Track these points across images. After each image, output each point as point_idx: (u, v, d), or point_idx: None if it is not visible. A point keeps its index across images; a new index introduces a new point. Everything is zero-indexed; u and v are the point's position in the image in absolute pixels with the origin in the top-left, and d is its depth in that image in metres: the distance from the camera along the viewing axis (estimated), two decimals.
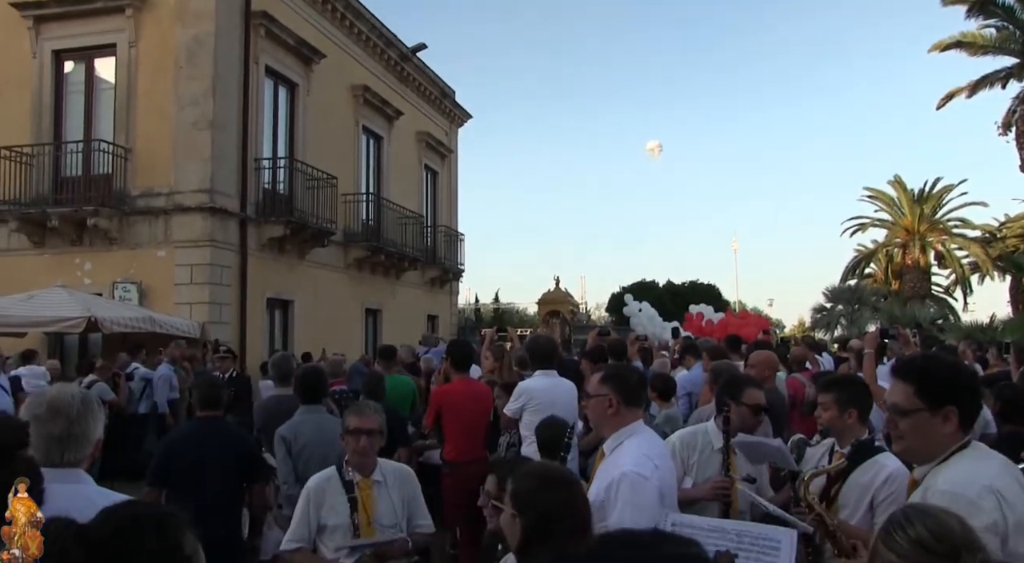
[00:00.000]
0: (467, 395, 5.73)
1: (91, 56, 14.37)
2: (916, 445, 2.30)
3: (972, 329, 22.64)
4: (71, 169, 13.83)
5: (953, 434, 2.22)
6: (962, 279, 32.82)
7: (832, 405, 3.48)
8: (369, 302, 18.92)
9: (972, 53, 25.49)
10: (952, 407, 2.21)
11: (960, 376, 2.32)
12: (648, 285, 32.75)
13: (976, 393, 2.33)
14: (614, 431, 3.05)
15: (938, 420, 2.22)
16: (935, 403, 2.23)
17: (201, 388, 4.76)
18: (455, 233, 24.56)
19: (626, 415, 3.05)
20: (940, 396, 2.23)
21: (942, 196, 32.90)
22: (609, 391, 3.05)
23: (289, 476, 4.69)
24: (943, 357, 2.78)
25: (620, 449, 2.99)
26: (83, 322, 10.86)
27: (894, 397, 2.33)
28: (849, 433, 3.40)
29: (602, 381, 3.10)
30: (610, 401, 3.03)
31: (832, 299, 28.79)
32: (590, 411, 3.15)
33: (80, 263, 13.75)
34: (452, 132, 25.68)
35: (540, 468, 2.45)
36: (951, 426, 2.21)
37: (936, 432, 2.23)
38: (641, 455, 2.91)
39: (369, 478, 3.58)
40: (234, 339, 13.65)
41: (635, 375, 3.28)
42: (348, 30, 18.29)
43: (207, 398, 4.59)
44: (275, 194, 14.99)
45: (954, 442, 2.23)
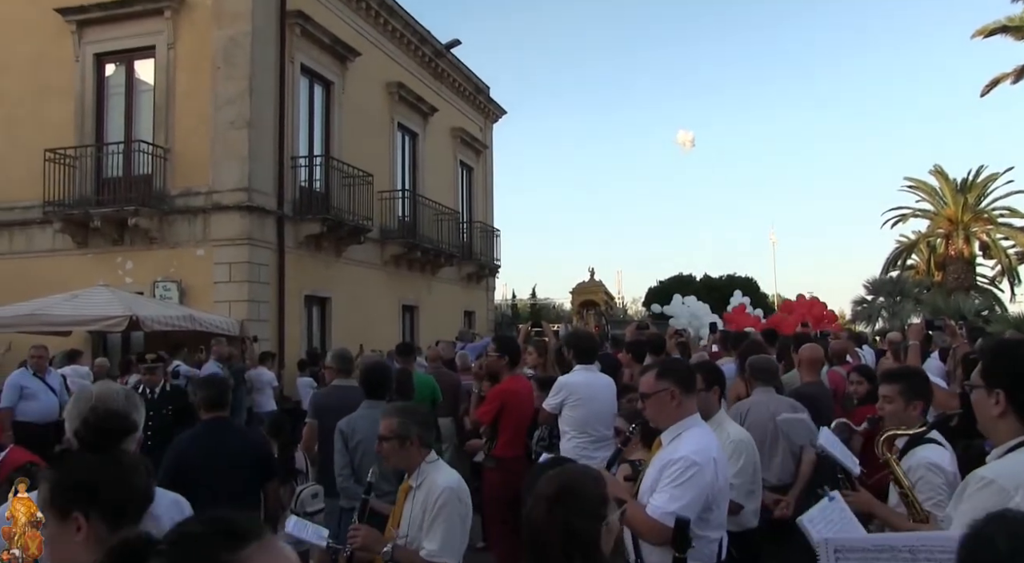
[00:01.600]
0: (524, 392, 5.74)
1: (131, 58, 14.61)
2: (980, 421, 2.34)
3: (1020, 321, 22.05)
4: (112, 170, 14.09)
5: (1003, 417, 2.20)
6: (1008, 269, 32.03)
7: (897, 397, 3.43)
8: (406, 299, 19.00)
9: (1019, 37, 24.85)
10: (1001, 390, 2.20)
11: (1016, 359, 2.25)
12: (685, 279, 32.44)
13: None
14: (675, 422, 3.10)
15: (991, 401, 2.23)
16: (990, 383, 2.25)
17: (204, 388, 4.63)
18: (491, 229, 24.57)
19: (687, 405, 3.13)
20: (994, 377, 2.25)
21: (986, 185, 32.13)
22: (670, 384, 3.10)
23: (345, 468, 4.76)
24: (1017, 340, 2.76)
25: (679, 439, 3.05)
26: (125, 321, 11.03)
27: (974, 371, 2.38)
28: (912, 425, 3.35)
29: (660, 376, 3.14)
30: (672, 394, 3.09)
31: (873, 291, 28.25)
32: (650, 407, 3.15)
33: (121, 262, 14.00)
34: (487, 128, 25.68)
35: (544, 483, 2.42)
36: (999, 408, 2.20)
37: (987, 412, 2.24)
38: (702, 445, 2.99)
39: (407, 481, 3.47)
40: (272, 336, 13.80)
41: (686, 365, 3.40)
42: (382, 27, 18.36)
43: (212, 399, 4.48)
44: (311, 192, 15.10)
45: (1009, 427, 2.20)
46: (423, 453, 3.42)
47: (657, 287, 32.70)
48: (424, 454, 3.42)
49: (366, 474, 3.65)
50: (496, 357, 5.78)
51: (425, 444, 3.44)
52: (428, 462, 3.42)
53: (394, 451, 3.39)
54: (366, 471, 3.72)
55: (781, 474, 4.99)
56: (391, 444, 3.38)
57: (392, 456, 3.42)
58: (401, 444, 3.38)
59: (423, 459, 3.41)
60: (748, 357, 5.71)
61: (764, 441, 4.99)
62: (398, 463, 3.44)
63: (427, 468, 3.40)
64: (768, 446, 4.99)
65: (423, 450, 3.42)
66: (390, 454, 3.41)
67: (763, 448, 4.99)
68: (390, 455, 3.41)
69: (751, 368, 5.44)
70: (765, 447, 4.98)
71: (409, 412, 3.54)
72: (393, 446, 3.39)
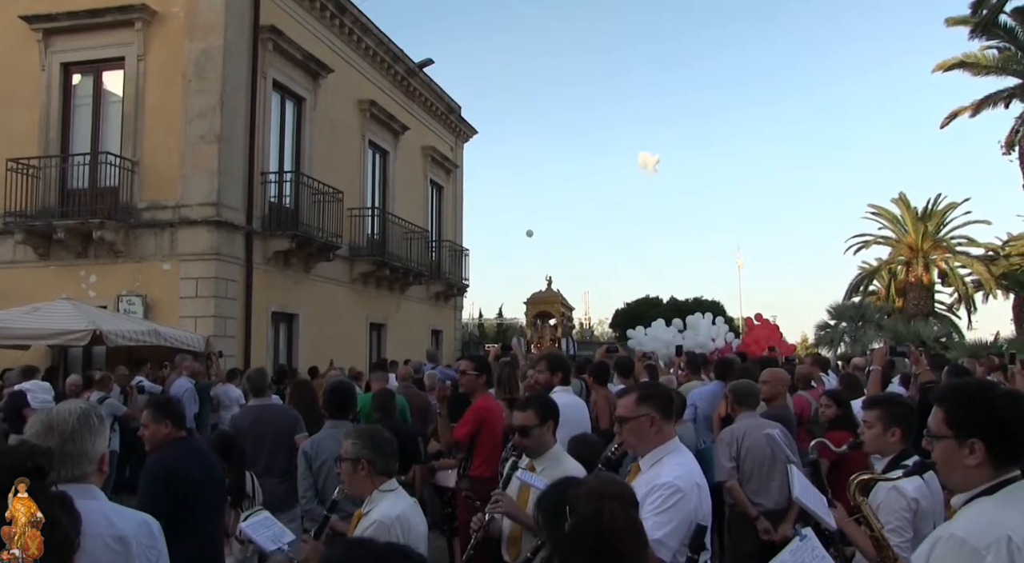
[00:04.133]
0: (498, 411, 5.73)
1: (100, 69, 14.43)
2: (945, 474, 2.21)
3: (976, 347, 22.56)
4: (78, 182, 13.87)
5: (980, 468, 2.06)
6: (965, 297, 32.77)
7: (876, 422, 3.49)
8: (374, 316, 18.89)
9: (975, 73, 25.64)
10: (977, 440, 2.06)
11: (992, 405, 2.11)
12: (652, 301, 32.71)
13: (1017, 423, 2.07)
14: (655, 447, 3.09)
15: (964, 451, 2.08)
16: (962, 432, 2.10)
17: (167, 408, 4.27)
18: (460, 248, 24.57)
19: (666, 430, 3.12)
20: (966, 425, 2.10)
21: (945, 214, 32.93)
22: (650, 410, 3.08)
23: (308, 490, 4.70)
24: (979, 383, 2.69)
25: (660, 464, 3.03)
26: (88, 335, 10.83)
27: (930, 421, 2.23)
28: (891, 451, 3.41)
29: (640, 401, 3.12)
30: (652, 419, 3.07)
31: (836, 316, 28.72)
32: (629, 432, 3.11)
33: (85, 276, 13.74)
34: (457, 147, 25.76)
35: (567, 483, 2.43)
36: (976, 459, 2.06)
37: (961, 463, 2.10)
38: (684, 471, 2.97)
39: (360, 510, 3.31)
40: (239, 353, 13.63)
41: (667, 390, 3.36)
42: (356, 45, 18.37)
43: (180, 416, 4.22)
44: (281, 208, 15.00)
45: (983, 477, 2.07)
46: (376, 480, 3.27)
47: (624, 309, 32.92)
48: (378, 481, 3.27)
49: (331, 495, 3.54)
50: (474, 376, 5.75)
51: (380, 471, 3.28)
52: (381, 490, 3.27)
53: (347, 474, 3.29)
54: (331, 492, 3.63)
55: (778, 498, 5.03)
56: (346, 466, 3.29)
57: (346, 479, 3.31)
58: (353, 467, 3.26)
59: (375, 486, 3.26)
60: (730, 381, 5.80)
61: (763, 465, 5.05)
62: (351, 487, 3.30)
63: (378, 496, 3.24)
64: (767, 470, 5.05)
65: (377, 477, 3.28)
66: (345, 476, 3.31)
67: (762, 471, 5.04)
68: (345, 477, 3.31)
69: (734, 393, 5.50)
70: (764, 470, 5.04)
71: (366, 435, 3.38)
72: (347, 469, 3.29)
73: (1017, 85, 25.10)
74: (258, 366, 9.25)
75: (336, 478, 3.78)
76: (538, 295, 24.35)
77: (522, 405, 3.78)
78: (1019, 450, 2.08)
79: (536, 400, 3.87)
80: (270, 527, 3.47)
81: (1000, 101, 25.91)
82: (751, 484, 5.09)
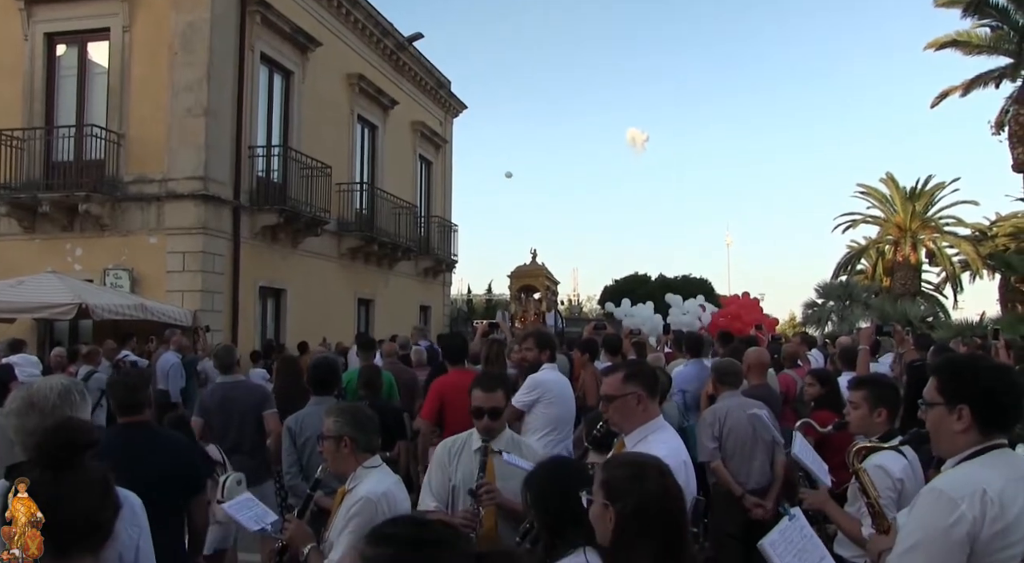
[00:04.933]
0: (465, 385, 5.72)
1: (84, 40, 14.25)
2: (936, 439, 2.35)
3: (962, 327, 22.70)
4: (63, 154, 13.71)
5: (966, 433, 2.22)
6: (953, 277, 32.99)
7: (863, 403, 3.53)
8: (362, 292, 18.87)
9: (967, 52, 25.53)
10: (965, 405, 2.22)
11: (979, 374, 2.28)
12: (641, 278, 32.68)
13: (1004, 394, 2.25)
14: (640, 425, 3.11)
15: (953, 417, 2.24)
16: (951, 399, 2.25)
17: (116, 389, 3.82)
18: (449, 224, 24.50)
19: (652, 408, 3.14)
20: (956, 392, 2.25)
21: (934, 194, 33.01)
22: (636, 388, 3.10)
23: (292, 466, 4.71)
24: (971, 356, 2.80)
25: (646, 442, 3.04)
26: (73, 309, 10.78)
27: (925, 390, 2.37)
28: (876, 431, 3.44)
29: (626, 380, 3.13)
30: (638, 397, 3.09)
31: (823, 295, 28.79)
32: (615, 411, 3.13)
33: (71, 249, 13.65)
34: (447, 122, 25.59)
35: (633, 457, 2.41)
36: (963, 424, 2.22)
37: (949, 428, 2.25)
38: (671, 448, 2.98)
39: (344, 487, 3.27)
40: (226, 328, 13.61)
41: (651, 368, 3.40)
42: (344, 18, 18.17)
43: (125, 402, 3.73)
44: (269, 182, 14.91)
45: (970, 442, 2.22)
46: (360, 457, 3.24)
47: (613, 286, 32.91)
48: (362, 458, 3.24)
49: (315, 471, 3.52)
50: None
51: (363, 448, 3.25)
52: (365, 467, 3.24)
53: (330, 452, 3.26)
54: (315, 468, 3.61)
55: (760, 478, 5.09)
56: (328, 444, 3.25)
57: (328, 457, 3.27)
58: (335, 445, 3.23)
59: (359, 463, 3.23)
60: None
61: (746, 444, 5.10)
62: (334, 465, 3.27)
63: (362, 473, 3.21)
64: (749, 449, 5.10)
65: (360, 454, 3.24)
66: (327, 454, 3.28)
67: (744, 451, 5.09)
68: (327, 455, 3.27)
69: (717, 372, 5.54)
70: (746, 450, 5.09)
71: (347, 412, 3.35)
72: (329, 446, 3.25)
73: (1008, 65, 25.03)
74: (226, 343, 9.23)
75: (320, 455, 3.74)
76: (522, 268, 23.73)
77: (489, 385, 3.57)
78: (1003, 418, 2.26)
79: (500, 379, 3.75)
80: (252, 508, 3.45)
81: (991, 81, 25.85)
82: (732, 463, 5.13)
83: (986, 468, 2.16)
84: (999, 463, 2.18)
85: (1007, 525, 2.04)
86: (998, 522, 2.03)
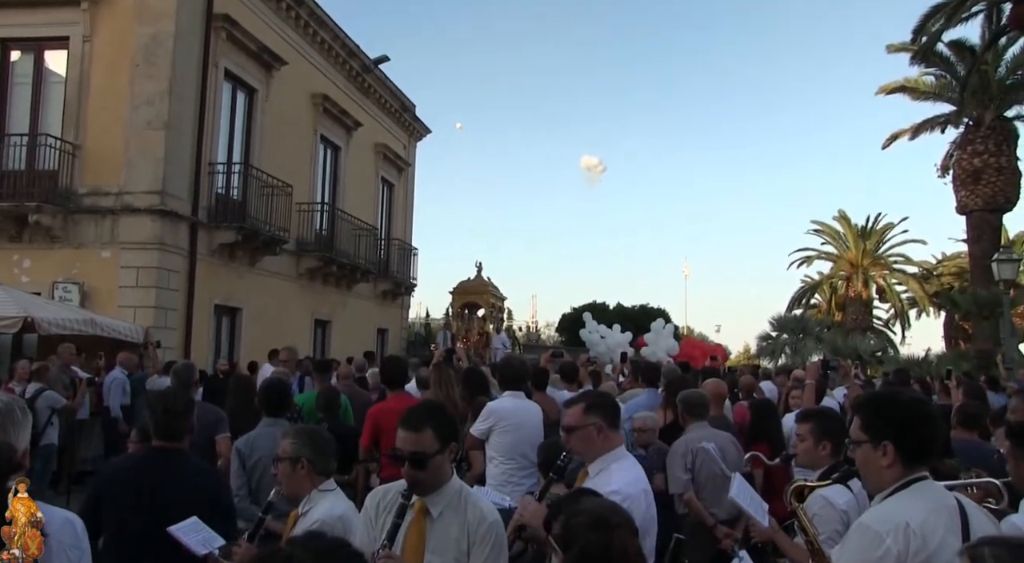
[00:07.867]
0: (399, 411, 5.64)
1: (41, 48, 13.99)
2: (865, 476, 2.41)
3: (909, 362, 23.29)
4: (14, 163, 13.35)
5: (892, 468, 2.26)
6: (901, 313, 33.87)
7: (808, 436, 3.57)
8: (319, 313, 18.67)
9: (915, 97, 26.54)
10: (888, 442, 2.26)
11: (899, 410, 2.33)
12: (599, 307, 32.90)
13: (922, 427, 2.30)
14: (602, 455, 3.11)
15: (879, 453, 2.28)
16: (875, 436, 2.30)
17: (158, 413, 3.67)
18: (409, 247, 24.43)
19: (612, 438, 3.15)
20: (878, 430, 2.30)
21: (884, 232, 33.97)
22: (597, 418, 3.11)
23: (241, 489, 4.59)
24: (889, 391, 2.85)
25: (607, 472, 3.04)
26: (18, 322, 10.47)
27: (851, 429, 2.42)
28: (822, 464, 3.48)
29: (587, 411, 3.14)
30: (599, 428, 3.10)
31: (778, 328, 29.31)
32: (576, 442, 3.13)
33: (19, 260, 13.29)
34: (410, 146, 25.61)
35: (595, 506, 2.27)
36: (888, 460, 2.26)
37: (876, 464, 2.30)
38: (632, 477, 3.00)
39: (297, 510, 3.21)
40: (178, 345, 13.33)
41: (612, 399, 3.39)
42: (311, 38, 18.15)
43: (164, 427, 3.63)
44: (228, 199, 14.72)
45: (895, 476, 2.27)
46: (316, 480, 3.22)
47: (571, 313, 33.07)
48: (317, 481, 3.23)
49: (266, 494, 3.46)
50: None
51: (319, 471, 3.23)
52: (320, 490, 3.21)
53: (285, 474, 3.23)
54: (266, 491, 3.53)
55: (731, 508, 4.96)
56: (284, 465, 3.24)
57: (283, 479, 3.24)
58: (292, 467, 3.21)
59: (314, 486, 3.21)
60: (677, 392, 5.83)
61: (716, 476, 5.04)
62: (288, 487, 3.23)
63: (317, 496, 3.19)
64: (720, 480, 4.98)
65: (316, 477, 3.23)
66: (282, 476, 3.25)
67: (716, 482, 5.03)
68: (282, 477, 3.24)
69: (684, 404, 5.50)
70: (718, 481, 5.00)
71: (305, 434, 3.34)
72: (285, 468, 3.23)
73: (951, 112, 26.00)
74: (186, 360, 9.04)
75: (272, 478, 3.65)
76: (466, 284, 22.40)
77: (414, 422, 2.74)
78: (924, 450, 2.30)
79: (433, 415, 2.83)
80: (199, 531, 3.36)
81: (937, 126, 26.83)
82: (704, 494, 5.10)
83: (910, 501, 2.22)
84: (921, 495, 2.24)
85: (929, 556, 2.10)
86: (921, 553, 2.09)
